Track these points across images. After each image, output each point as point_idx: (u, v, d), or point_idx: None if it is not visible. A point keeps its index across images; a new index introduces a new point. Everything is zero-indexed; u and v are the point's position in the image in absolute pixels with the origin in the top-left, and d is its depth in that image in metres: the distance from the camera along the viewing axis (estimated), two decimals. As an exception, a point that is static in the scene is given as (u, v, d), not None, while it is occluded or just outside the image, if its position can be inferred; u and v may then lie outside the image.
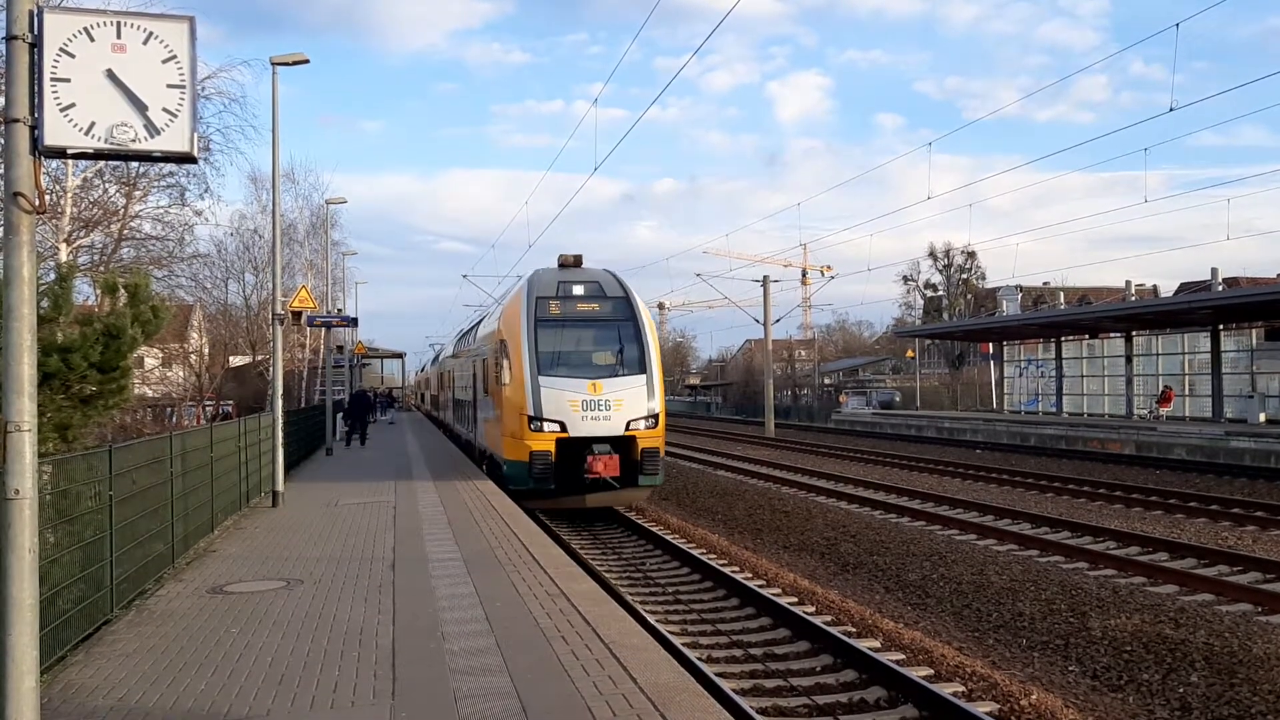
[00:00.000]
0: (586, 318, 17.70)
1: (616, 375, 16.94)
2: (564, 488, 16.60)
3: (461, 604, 8.43)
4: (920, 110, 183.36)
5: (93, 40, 4.66)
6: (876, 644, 9.74)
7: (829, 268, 65.28)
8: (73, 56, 4.61)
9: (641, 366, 17.12)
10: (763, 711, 7.77)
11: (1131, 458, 28.46)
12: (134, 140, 4.70)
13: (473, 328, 27.45)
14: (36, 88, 4.56)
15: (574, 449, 16.39)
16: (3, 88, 10.31)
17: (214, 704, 6.04)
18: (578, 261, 18.67)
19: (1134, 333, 38.42)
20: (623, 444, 16.51)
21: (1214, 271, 41.17)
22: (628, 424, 16.56)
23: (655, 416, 16.90)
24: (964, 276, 76.59)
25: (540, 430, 16.27)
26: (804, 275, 73.85)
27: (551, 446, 16.28)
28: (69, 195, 19.19)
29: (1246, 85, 58.65)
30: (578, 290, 17.80)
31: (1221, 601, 11.21)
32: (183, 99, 4.77)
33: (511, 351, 17.17)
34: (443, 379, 40.65)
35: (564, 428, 16.33)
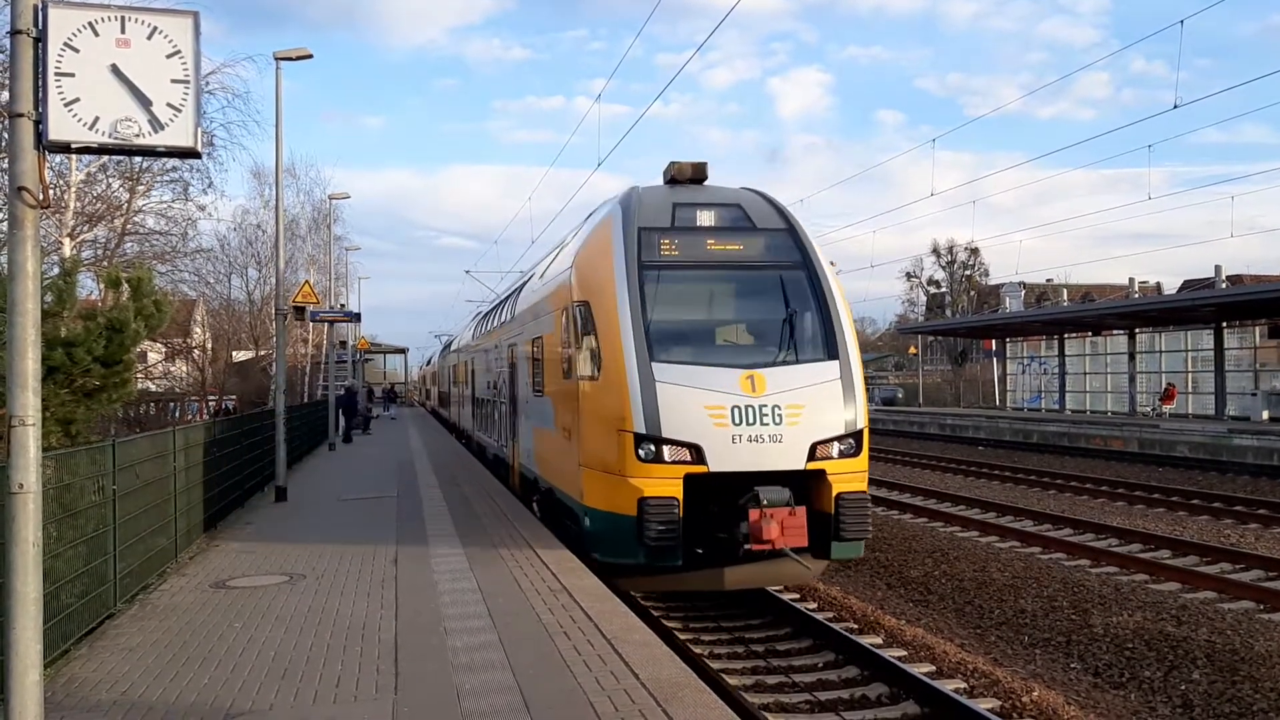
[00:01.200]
0: (726, 262, 10.57)
1: (786, 362, 9.87)
2: (694, 557, 9.49)
3: (464, 599, 8.45)
4: (921, 107, 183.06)
5: (97, 35, 4.67)
6: (878, 640, 9.75)
7: (832, 264, 65.12)
8: (77, 51, 4.62)
9: (829, 346, 10.00)
10: (765, 707, 7.78)
11: (1134, 455, 28.44)
12: (138, 135, 4.71)
13: (506, 298, 19.29)
14: (41, 82, 4.56)
15: (716, 492, 9.38)
16: (7, 82, 10.32)
17: (217, 698, 6.06)
18: (699, 174, 11.36)
19: (1137, 330, 38.39)
20: (804, 484, 9.42)
21: (1217, 269, 41.22)
22: (813, 448, 9.35)
23: (858, 435, 9.66)
24: (967, 273, 76.58)
25: (658, 460, 9.22)
26: (807, 271, 73.67)
27: (677, 489, 9.11)
28: (73, 190, 19.21)
29: (1250, 83, 58.47)
30: (706, 218, 10.66)
31: (1224, 599, 11.20)
32: (186, 94, 4.78)
33: (600, 320, 9.96)
34: (456, 373, 32.64)
35: (699, 455, 9.19)
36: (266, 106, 45.28)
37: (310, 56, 17.19)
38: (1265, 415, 33.00)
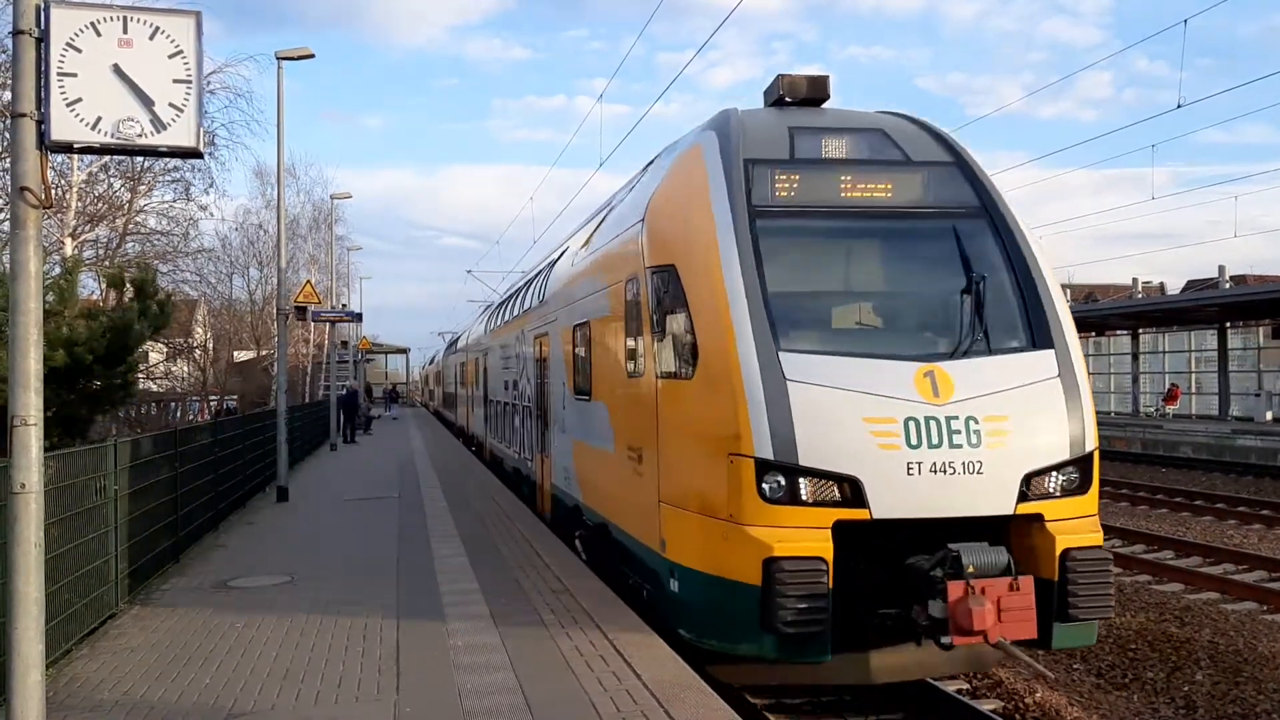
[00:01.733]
0: (872, 208, 7.61)
1: (975, 351, 6.92)
2: (841, 638, 6.40)
3: (466, 600, 8.44)
4: (923, 106, 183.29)
5: (99, 35, 4.67)
6: (881, 641, 9.72)
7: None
8: (79, 51, 4.62)
9: (1037, 329, 7.09)
10: (767, 708, 7.76)
11: (1137, 455, 28.40)
12: (140, 135, 4.71)
13: (530, 280, 16.18)
14: (43, 82, 4.56)
15: (874, 546, 6.55)
16: (9, 82, 10.33)
17: (218, 699, 6.05)
18: (818, 92, 8.51)
19: (1140, 330, 38.34)
20: (1007, 536, 6.59)
21: (1221, 269, 41.24)
22: (1025, 481, 6.47)
23: (1086, 461, 6.72)
24: (969, 273, 76.33)
25: (792, 499, 6.40)
26: (809, 272, 73.45)
27: (825, 546, 6.27)
28: (74, 190, 19.24)
29: (1253, 83, 58.45)
30: (837, 148, 7.77)
31: (1227, 600, 11.18)
32: (189, 94, 4.78)
33: (694, 290, 7.10)
34: (465, 372, 29.31)
35: (855, 494, 6.33)
36: (268, 106, 45.27)
37: (312, 56, 17.19)
38: (1269, 416, 32.95)
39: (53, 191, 9.20)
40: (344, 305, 38.52)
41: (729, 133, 7.67)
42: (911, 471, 6.25)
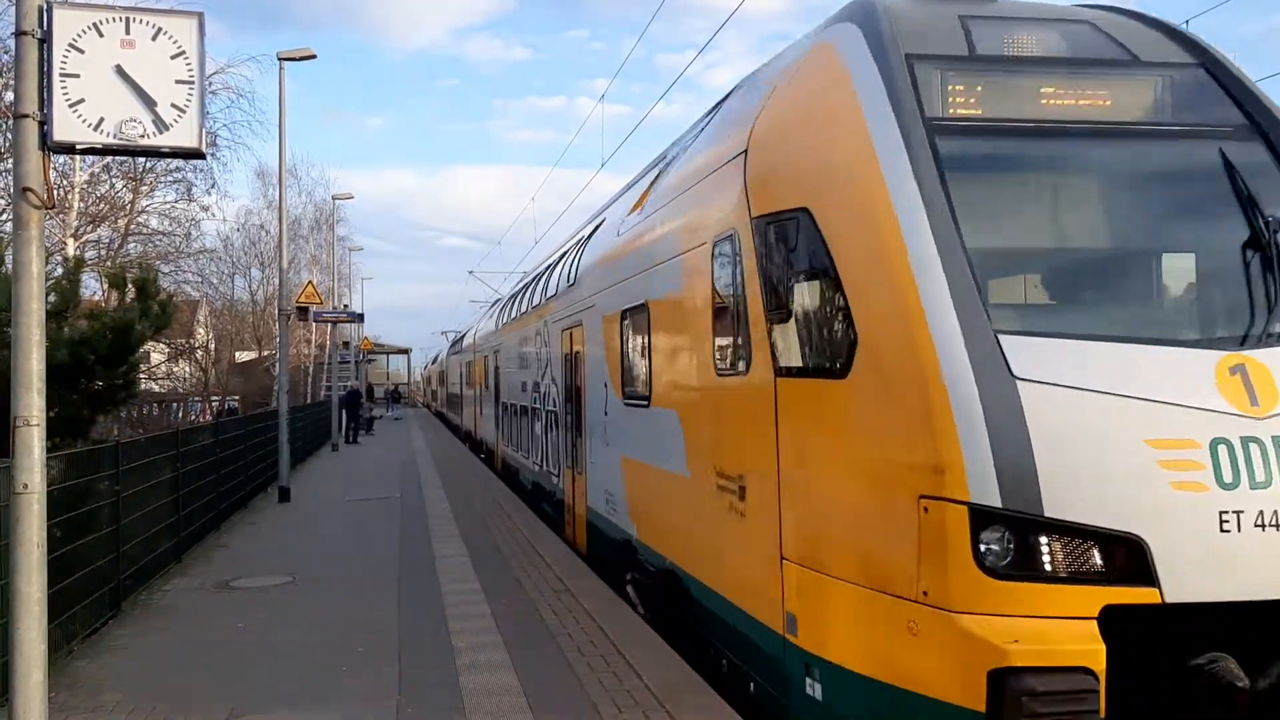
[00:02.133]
0: (1091, 126, 5.18)
1: None
2: None
3: (468, 600, 8.44)
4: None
5: (102, 36, 4.66)
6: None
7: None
8: (82, 52, 4.61)
9: None
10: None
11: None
12: (142, 136, 4.70)
13: (555, 262, 13.88)
14: (45, 83, 4.56)
15: (1145, 636, 4.05)
16: (11, 83, 10.35)
17: (220, 698, 6.05)
18: None
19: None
20: None
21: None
22: None
23: None
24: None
25: (1031, 570, 4.02)
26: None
27: (1091, 648, 3.89)
28: (76, 190, 19.25)
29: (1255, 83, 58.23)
30: (1030, 42, 5.38)
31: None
32: (191, 94, 4.77)
33: (845, 247, 4.80)
34: (472, 371, 27.01)
35: (1136, 562, 3.96)
36: (270, 106, 45.28)
37: (314, 57, 17.22)
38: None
39: (55, 192, 9.20)
40: (345, 306, 38.51)
41: (877, 21, 5.36)
42: (1226, 526, 4.02)
